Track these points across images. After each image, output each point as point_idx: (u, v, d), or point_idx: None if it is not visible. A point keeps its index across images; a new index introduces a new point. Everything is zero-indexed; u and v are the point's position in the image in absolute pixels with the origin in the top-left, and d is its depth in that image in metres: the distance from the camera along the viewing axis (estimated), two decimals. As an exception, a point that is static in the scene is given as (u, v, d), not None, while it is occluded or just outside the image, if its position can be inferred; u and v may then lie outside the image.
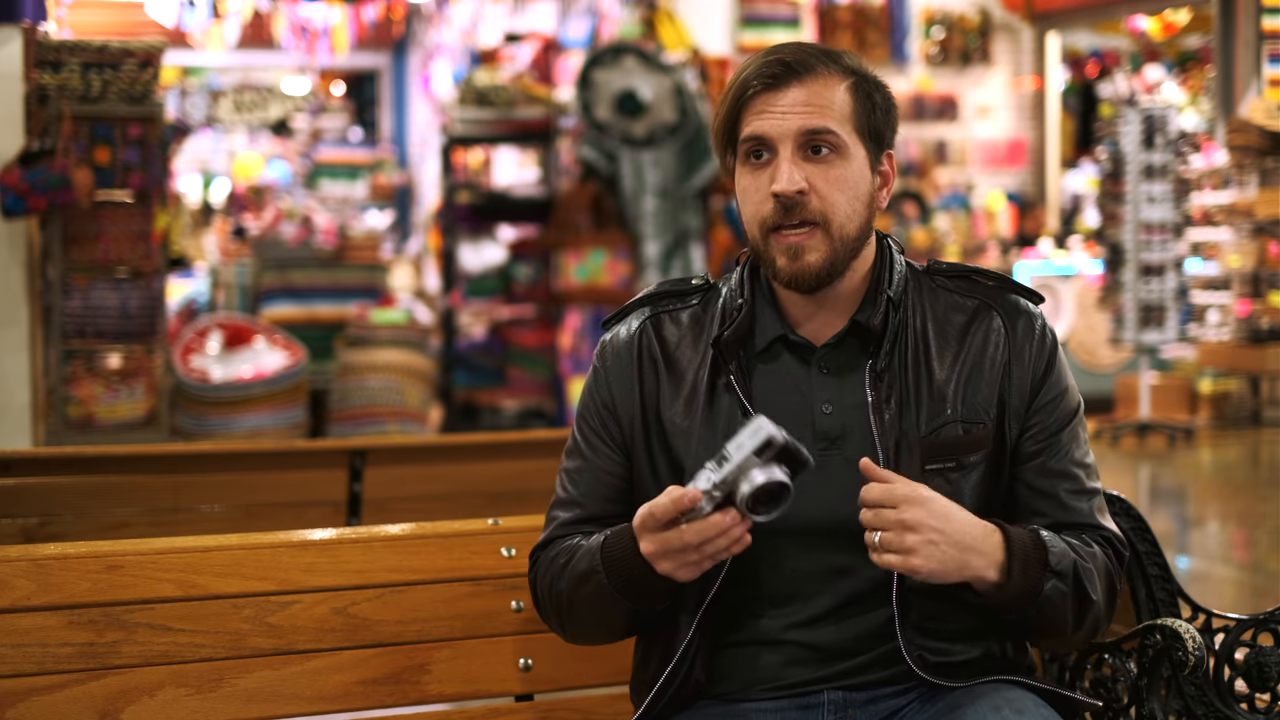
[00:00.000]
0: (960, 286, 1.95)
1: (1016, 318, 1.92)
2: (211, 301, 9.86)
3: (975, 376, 1.89)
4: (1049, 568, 1.80)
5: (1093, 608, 1.85)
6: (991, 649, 1.89)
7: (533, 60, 10.11)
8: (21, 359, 6.08)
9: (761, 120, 1.85)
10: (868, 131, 1.88)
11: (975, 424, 1.87)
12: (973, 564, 1.76)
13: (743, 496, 1.71)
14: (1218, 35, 11.11)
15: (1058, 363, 1.93)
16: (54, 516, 3.38)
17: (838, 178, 1.85)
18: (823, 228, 1.85)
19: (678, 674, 1.86)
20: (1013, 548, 1.79)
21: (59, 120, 6.05)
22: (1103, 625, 1.90)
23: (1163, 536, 3.75)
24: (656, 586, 1.80)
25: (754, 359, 1.92)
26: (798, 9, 12.12)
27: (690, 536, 1.72)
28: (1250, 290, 10.37)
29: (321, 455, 3.79)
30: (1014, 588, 1.78)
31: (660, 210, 8.56)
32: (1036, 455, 1.90)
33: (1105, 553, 1.89)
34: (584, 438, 1.97)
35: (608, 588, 1.82)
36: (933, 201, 12.53)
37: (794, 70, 1.85)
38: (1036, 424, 1.90)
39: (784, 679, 1.87)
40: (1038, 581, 1.79)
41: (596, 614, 1.88)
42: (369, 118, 16.20)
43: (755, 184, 1.87)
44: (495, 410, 9.06)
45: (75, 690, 1.86)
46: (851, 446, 1.86)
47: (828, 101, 1.85)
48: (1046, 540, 1.82)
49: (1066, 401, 1.92)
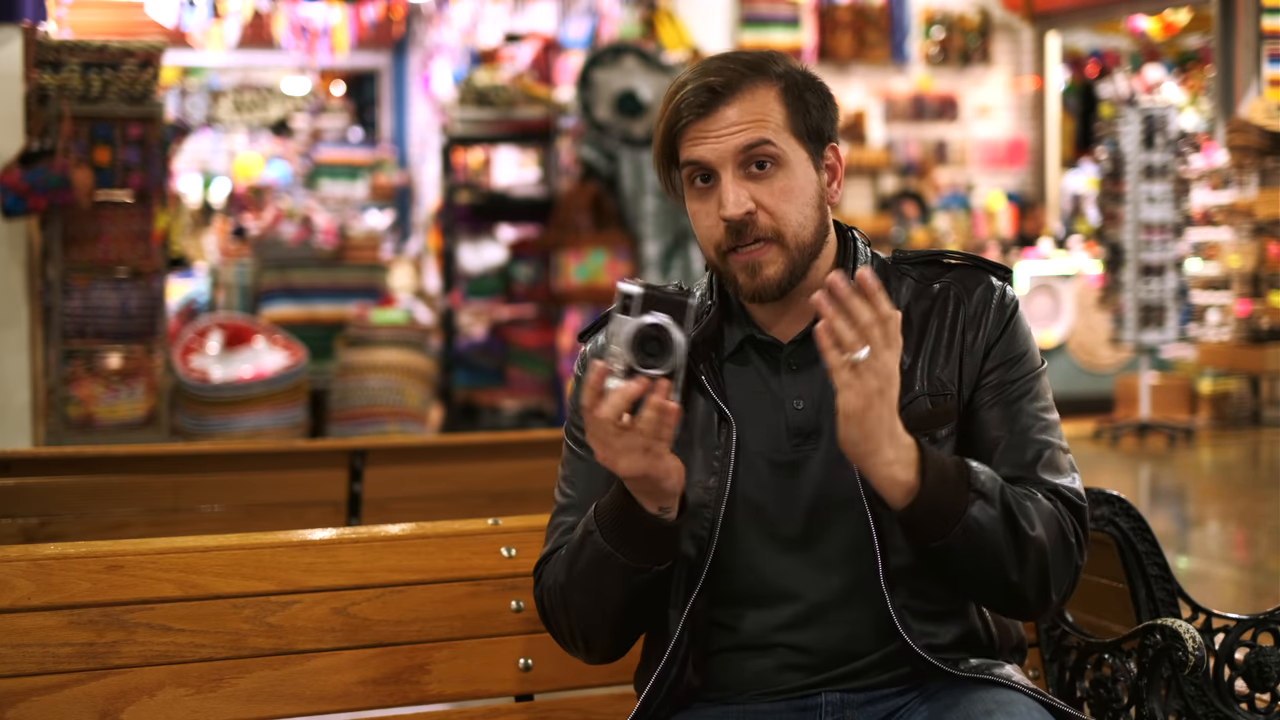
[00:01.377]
0: (924, 273, 1.95)
1: (975, 288, 1.92)
2: (211, 301, 9.86)
3: (935, 352, 1.89)
4: (971, 487, 1.76)
5: (1032, 544, 1.78)
6: (973, 625, 1.89)
7: (533, 60, 10.11)
8: (21, 359, 6.08)
9: (698, 147, 1.85)
10: (805, 133, 1.88)
11: (941, 395, 1.87)
12: (885, 449, 1.71)
13: (628, 351, 1.69)
14: (1218, 35, 11.11)
15: (1015, 326, 1.92)
16: (54, 516, 3.38)
17: (783, 190, 1.85)
18: (777, 241, 1.85)
19: (668, 674, 1.86)
20: (926, 454, 1.75)
21: (59, 120, 6.06)
22: (1060, 576, 1.83)
23: (1163, 536, 3.75)
24: (649, 524, 1.78)
25: (724, 361, 1.93)
26: (798, 9, 12.12)
27: (606, 410, 1.71)
28: (1250, 290, 10.36)
29: (321, 455, 3.79)
30: (930, 497, 1.74)
31: (660, 210, 8.57)
32: (990, 407, 1.88)
33: (1052, 502, 1.84)
34: (576, 443, 1.97)
35: (603, 545, 1.81)
36: (933, 201, 12.53)
37: (720, 93, 1.85)
38: (989, 383, 1.89)
39: (779, 684, 1.87)
40: (958, 499, 1.75)
41: (594, 588, 1.85)
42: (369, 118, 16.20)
43: (704, 209, 1.88)
44: (495, 410, 9.06)
45: (75, 690, 1.86)
46: (826, 440, 1.86)
47: (761, 114, 1.85)
48: (970, 463, 1.79)
49: (1024, 362, 1.90)
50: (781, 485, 1.86)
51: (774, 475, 1.87)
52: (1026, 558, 1.79)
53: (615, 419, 1.71)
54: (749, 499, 1.87)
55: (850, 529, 1.84)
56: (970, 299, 1.92)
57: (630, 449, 1.73)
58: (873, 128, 12.52)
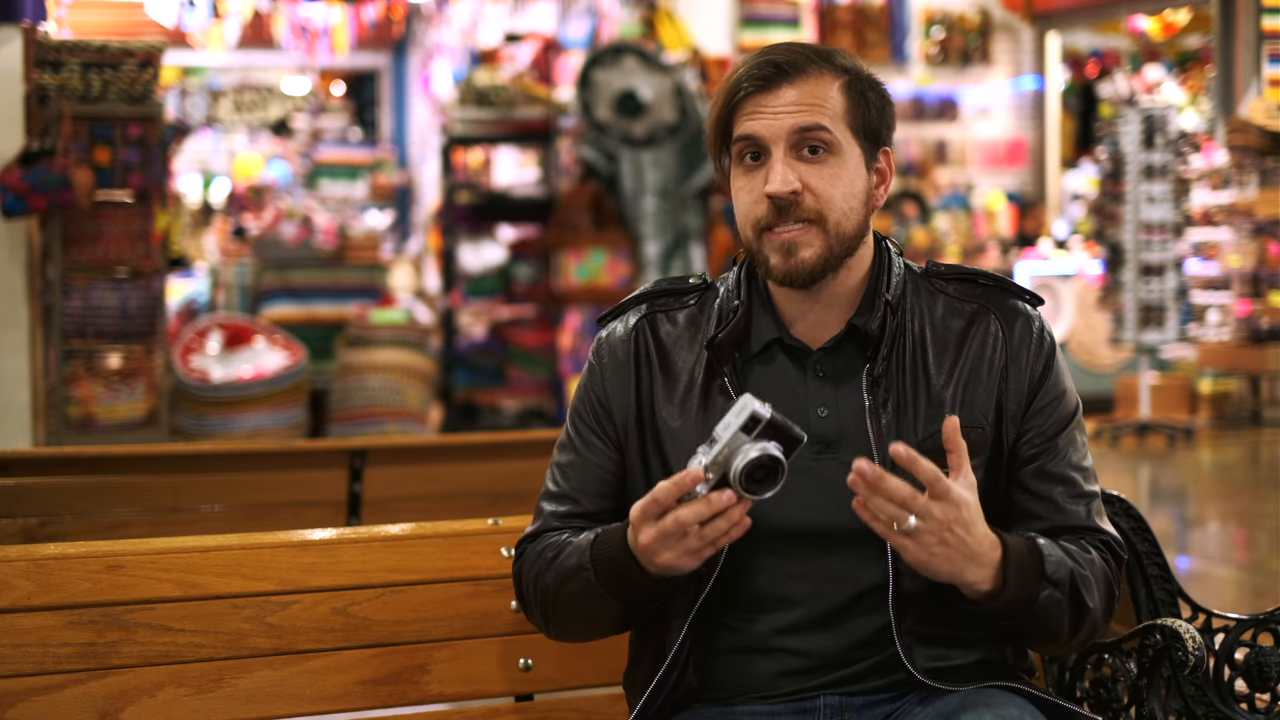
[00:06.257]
0: (959, 290, 1.93)
1: (1014, 320, 1.91)
2: (211, 301, 9.86)
3: (973, 381, 1.88)
4: (1045, 576, 1.78)
5: (1089, 615, 1.83)
6: (990, 654, 1.88)
7: (533, 60, 10.11)
8: (21, 359, 6.08)
9: (753, 121, 1.84)
10: (862, 130, 1.87)
11: (973, 429, 1.85)
12: (968, 573, 1.73)
13: (736, 473, 1.67)
14: (1218, 35, 11.11)
15: (1055, 365, 1.91)
16: (54, 516, 3.38)
17: (832, 175, 1.84)
18: (818, 224, 1.84)
19: (669, 678, 1.85)
20: (1009, 557, 1.76)
21: (59, 120, 6.05)
22: (1100, 631, 1.88)
23: (1163, 536, 3.75)
24: (646, 587, 1.79)
25: (749, 361, 1.91)
26: (798, 9, 12.12)
27: (687, 516, 1.68)
28: (1250, 290, 10.36)
29: (321, 455, 3.80)
30: (1008, 596, 1.76)
31: (660, 210, 8.57)
32: (1034, 459, 1.88)
33: (1103, 557, 1.87)
34: (578, 433, 1.96)
35: (596, 586, 1.81)
36: (933, 201, 12.53)
37: (785, 71, 1.84)
38: (1033, 427, 1.88)
39: (778, 687, 1.86)
40: (1033, 590, 1.77)
41: (582, 612, 1.86)
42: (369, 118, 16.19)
43: (749, 185, 1.86)
44: (495, 410, 9.06)
45: (75, 690, 1.85)
46: (847, 451, 1.83)
47: (820, 100, 1.84)
48: (1043, 548, 1.80)
49: (1064, 404, 1.90)
50: (796, 492, 1.81)
51: (790, 482, 1.85)
52: (1081, 625, 1.84)
53: (696, 529, 1.69)
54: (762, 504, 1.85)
55: (862, 542, 1.81)
56: (1010, 332, 1.90)
57: (685, 550, 1.72)
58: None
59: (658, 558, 1.73)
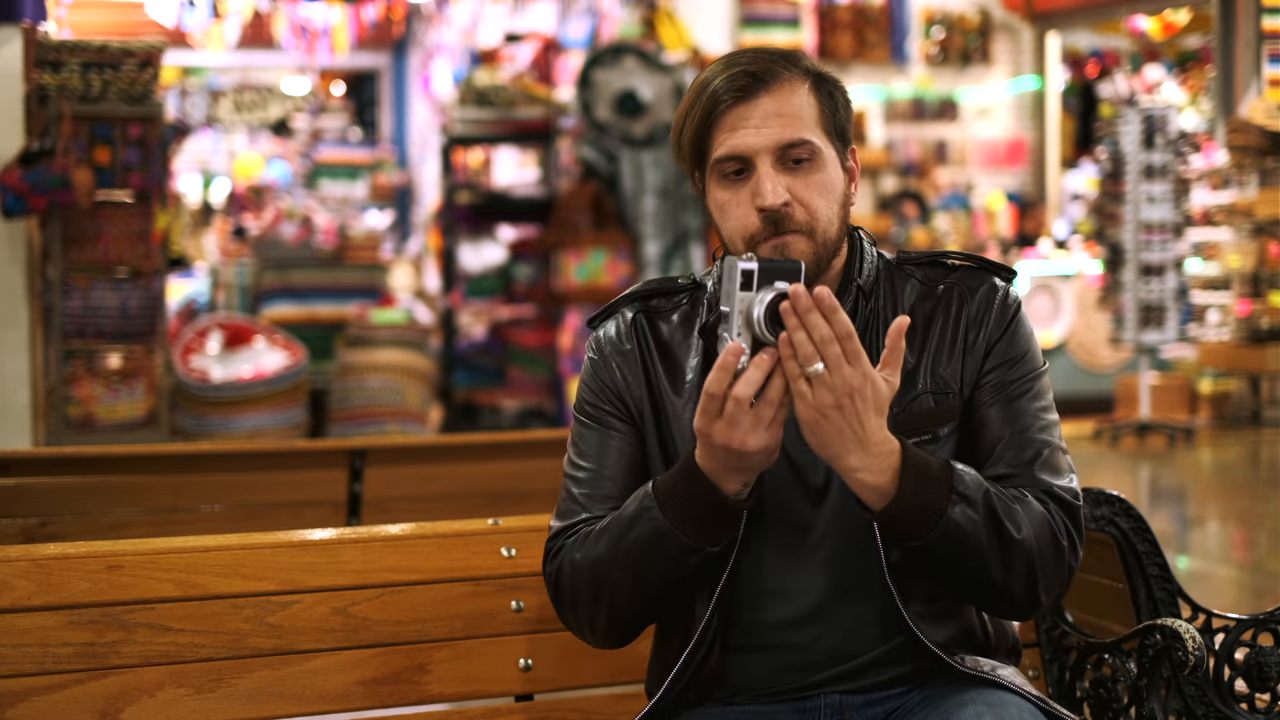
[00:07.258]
0: (928, 274, 1.96)
1: (978, 288, 1.94)
2: (211, 301, 9.86)
3: (940, 352, 1.90)
4: (954, 490, 1.75)
5: (1017, 546, 1.78)
6: (969, 624, 1.89)
7: (533, 60, 10.11)
8: (21, 359, 6.08)
9: (737, 136, 1.85)
10: (834, 131, 1.89)
11: (944, 394, 1.88)
12: (852, 457, 1.71)
13: (760, 325, 1.68)
14: (1218, 35, 11.11)
15: (1017, 325, 1.93)
16: (54, 516, 3.38)
17: (817, 184, 1.86)
18: (807, 234, 1.85)
19: (695, 656, 1.84)
20: (908, 460, 1.74)
21: (59, 120, 6.06)
22: (1049, 577, 1.82)
23: (1163, 536, 3.75)
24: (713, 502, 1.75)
25: None
26: (798, 9, 12.12)
27: (743, 390, 1.67)
28: (1250, 290, 10.37)
29: (321, 455, 3.79)
30: (908, 502, 1.73)
31: (660, 210, 8.57)
32: (990, 406, 1.89)
33: (1046, 506, 1.84)
34: (593, 419, 1.94)
35: (663, 523, 1.77)
36: (933, 201, 12.53)
37: (761, 79, 1.85)
38: (990, 379, 1.90)
39: (779, 685, 1.87)
40: (939, 503, 1.74)
41: (640, 565, 1.80)
42: (369, 118, 16.20)
43: (735, 199, 1.87)
44: (495, 410, 9.07)
45: (75, 690, 1.86)
46: None
47: (798, 109, 1.86)
48: (956, 466, 1.78)
49: (1024, 362, 1.91)
50: (784, 482, 1.86)
51: (777, 473, 1.86)
52: (1012, 560, 1.79)
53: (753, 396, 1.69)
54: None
55: (851, 526, 1.84)
56: (973, 299, 1.93)
57: (760, 423, 1.70)
58: (873, 128, 12.52)
59: (748, 445, 1.70)
